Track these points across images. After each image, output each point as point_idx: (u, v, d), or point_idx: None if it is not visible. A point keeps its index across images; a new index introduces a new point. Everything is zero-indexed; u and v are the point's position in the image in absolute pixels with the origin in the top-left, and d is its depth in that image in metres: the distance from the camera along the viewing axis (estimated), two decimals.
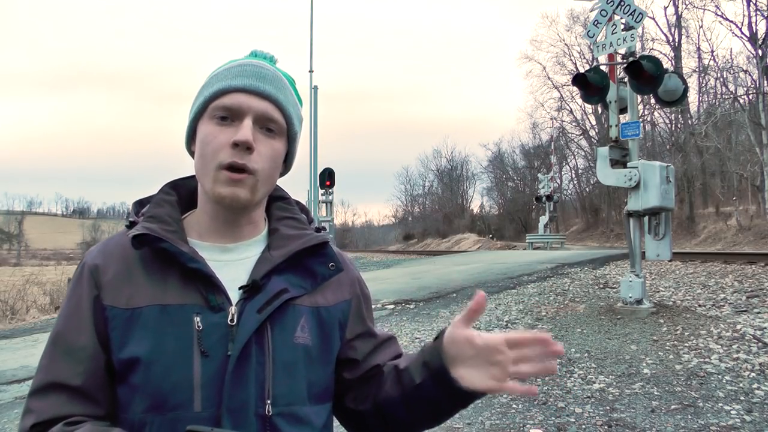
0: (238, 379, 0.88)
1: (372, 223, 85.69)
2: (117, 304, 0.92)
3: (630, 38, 7.00)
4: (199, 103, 0.97)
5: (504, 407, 4.13)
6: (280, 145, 0.98)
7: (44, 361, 0.93)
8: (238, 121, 0.93)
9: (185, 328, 0.89)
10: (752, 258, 10.83)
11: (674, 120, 33.53)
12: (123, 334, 0.91)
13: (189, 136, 1.01)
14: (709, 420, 3.71)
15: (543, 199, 29.63)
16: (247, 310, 0.91)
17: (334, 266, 1.02)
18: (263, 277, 0.95)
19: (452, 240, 43.30)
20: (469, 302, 0.90)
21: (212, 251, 0.98)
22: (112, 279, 0.94)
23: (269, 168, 0.96)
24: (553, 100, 43.32)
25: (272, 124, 0.96)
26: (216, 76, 0.98)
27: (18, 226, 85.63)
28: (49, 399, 0.89)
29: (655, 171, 6.63)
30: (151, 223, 0.95)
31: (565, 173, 44.90)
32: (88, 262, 0.97)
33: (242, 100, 0.94)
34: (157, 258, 0.93)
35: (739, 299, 7.20)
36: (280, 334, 0.93)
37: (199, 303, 0.91)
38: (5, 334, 8.55)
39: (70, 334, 0.92)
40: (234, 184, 0.92)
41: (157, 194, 1.04)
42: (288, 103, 0.99)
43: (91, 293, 0.93)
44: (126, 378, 0.90)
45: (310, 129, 14.82)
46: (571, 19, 38.97)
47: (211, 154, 0.93)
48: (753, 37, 25.29)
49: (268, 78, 0.97)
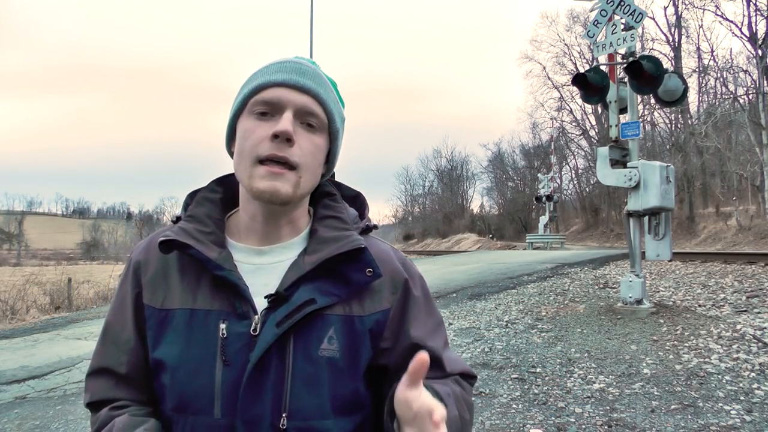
0: (254, 390, 0.87)
1: None
2: (154, 304, 0.94)
3: (630, 38, 7.00)
4: (238, 101, 0.96)
5: (504, 407, 4.13)
6: (321, 140, 0.96)
7: (98, 347, 1.00)
8: (278, 115, 0.92)
9: (210, 334, 0.90)
10: (752, 258, 10.84)
11: (674, 120, 33.54)
12: (156, 334, 0.93)
13: (229, 135, 0.99)
14: (709, 420, 3.71)
15: (543, 199, 29.62)
16: (268, 322, 0.89)
17: (372, 272, 0.95)
18: (290, 286, 0.92)
19: (452, 240, 43.28)
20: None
21: (247, 254, 0.97)
22: (151, 278, 0.96)
23: (311, 163, 0.94)
24: (553, 100, 43.41)
25: (313, 118, 0.94)
26: (256, 74, 0.97)
27: (18, 226, 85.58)
28: (100, 381, 0.97)
29: (655, 171, 6.63)
30: (189, 223, 0.96)
31: (565, 173, 44.98)
32: (134, 257, 1.00)
33: (282, 94, 0.93)
34: (190, 261, 0.94)
35: (739, 299, 7.19)
36: (302, 347, 0.90)
37: (227, 309, 0.91)
38: (5, 334, 8.55)
39: (117, 326, 0.98)
40: (274, 177, 0.90)
41: (203, 191, 1.03)
42: (329, 99, 0.97)
43: (134, 290, 0.97)
44: (158, 375, 0.93)
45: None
46: (571, 19, 39.05)
47: (250, 147, 0.91)
48: (753, 37, 25.28)
49: (308, 73, 0.96)
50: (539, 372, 4.94)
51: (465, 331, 6.58)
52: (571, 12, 38.58)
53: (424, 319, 1.02)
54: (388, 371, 0.98)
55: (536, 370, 5.00)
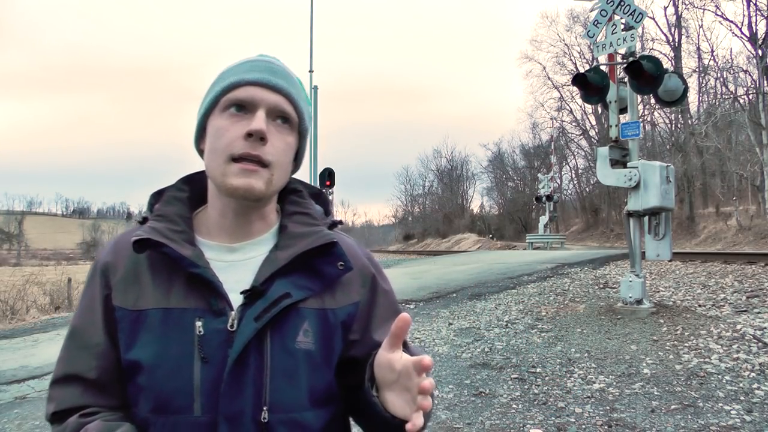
0: (235, 385, 0.88)
1: (372, 223, 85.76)
2: (125, 305, 0.93)
3: (630, 38, 7.00)
4: (210, 98, 0.96)
5: (504, 407, 4.13)
6: (292, 139, 0.97)
7: (63, 353, 0.96)
8: (251, 114, 0.93)
9: (187, 332, 0.89)
10: (752, 258, 10.83)
11: (674, 120, 33.54)
12: (129, 335, 0.91)
13: (198, 133, 0.99)
14: (709, 420, 3.71)
15: (543, 199, 29.62)
16: (246, 317, 0.90)
17: (343, 265, 0.98)
18: (266, 281, 0.93)
19: (452, 240, 43.29)
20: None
21: (218, 251, 0.97)
22: (121, 279, 0.94)
23: (283, 161, 0.95)
24: (553, 100, 43.39)
25: (285, 117, 0.95)
26: (227, 72, 0.97)
27: (18, 226, 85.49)
28: (68, 389, 0.93)
29: (655, 171, 6.63)
30: (159, 222, 0.95)
31: (565, 173, 44.97)
32: (100, 259, 0.98)
33: (255, 93, 0.93)
34: (162, 260, 0.93)
35: (739, 299, 7.19)
36: (279, 340, 0.91)
37: (202, 307, 0.91)
38: (5, 334, 8.55)
39: (85, 330, 0.95)
40: (248, 174, 0.90)
41: (170, 190, 1.03)
42: (300, 98, 0.98)
43: (103, 292, 0.95)
44: (132, 378, 0.91)
45: (310, 129, 14.79)
46: (571, 19, 39.04)
47: (224, 146, 0.91)
48: (753, 37, 25.28)
49: (279, 73, 0.97)
50: (539, 372, 4.94)
51: (465, 331, 6.58)
52: (571, 12, 38.62)
53: (390, 313, 1.05)
54: (357, 364, 0.99)
55: (536, 370, 5.00)
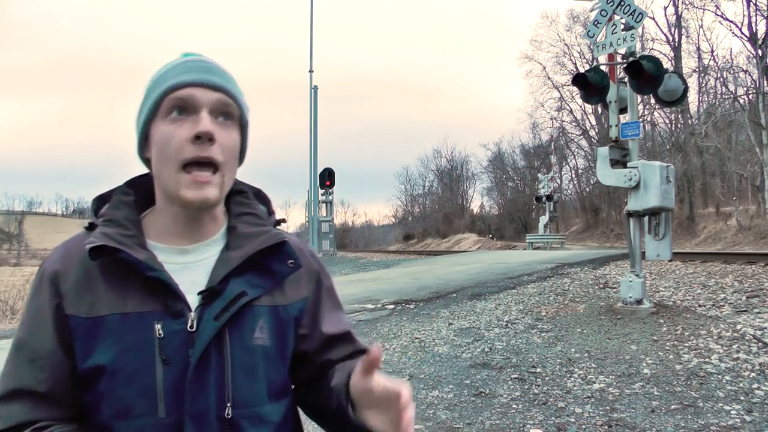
0: (199, 385, 0.89)
1: (372, 223, 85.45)
2: (79, 313, 0.91)
3: (630, 38, 7.00)
4: (149, 105, 0.95)
5: (504, 407, 4.13)
6: (236, 135, 0.98)
7: (8, 368, 0.93)
8: (194, 115, 0.92)
9: (146, 336, 0.89)
10: (752, 258, 10.83)
11: (674, 120, 33.55)
12: (86, 343, 0.90)
13: (141, 142, 0.98)
14: (709, 420, 3.71)
15: (543, 199, 29.63)
16: (205, 316, 0.91)
17: (294, 263, 1.01)
18: (221, 281, 0.94)
19: (452, 240, 43.29)
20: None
21: (170, 254, 0.97)
22: (72, 286, 0.92)
23: (232, 159, 0.96)
24: (553, 100, 43.38)
25: (227, 113, 0.96)
26: (161, 77, 0.96)
27: (18, 226, 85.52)
28: (15, 405, 0.90)
29: (655, 171, 6.63)
30: (109, 228, 0.94)
31: (565, 173, 44.98)
32: (47, 268, 0.95)
33: (195, 93, 0.93)
34: (116, 265, 0.92)
35: (739, 299, 7.19)
36: (238, 338, 0.93)
37: (159, 310, 0.91)
38: (5, 334, 8.55)
39: (33, 342, 0.92)
40: (201, 186, 0.91)
41: (115, 194, 1.02)
42: (238, 93, 0.98)
43: (53, 301, 0.92)
44: (91, 385, 0.90)
45: (310, 129, 14.83)
46: (571, 19, 39.02)
47: (173, 152, 0.91)
48: (753, 37, 25.29)
49: (215, 70, 0.97)
50: (539, 372, 4.94)
51: (465, 331, 6.58)
52: (571, 12, 38.60)
53: (335, 307, 1.11)
54: (307, 358, 1.05)
55: (536, 370, 5.00)
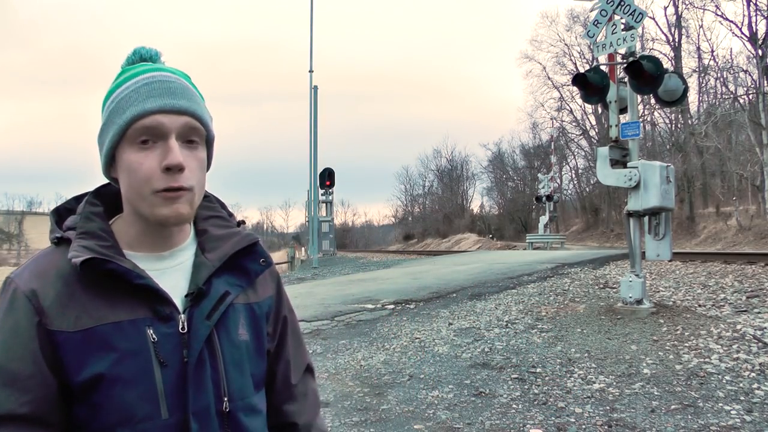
0: (198, 383, 0.93)
1: (372, 223, 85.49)
2: (65, 328, 0.89)
3: (630, 38, 7.00)
4: (115, 131, 0.93)
5: (504, 407, 4.13)
6: (203, 153, 0.98)
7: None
8: (162, 141, 0.91)
9: (141, 341, 0.90)
10: (752, 258, 10.82)
11: (674, 120, 33.55)
12: (78, 356, 0.89)
13: (107, 163, 0.97)
14: (709, 420, 3.71)
15: (543, 199, 29.63)
16: (196, 317, 0.95)
17: (265, 261, 1.07)
18: (205, 283, 0.98)
19: (452, 240, 43.29)
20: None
21: (148, 261, 0.98)
22: (54, 303, 0.90)
23: (201, 179, 0.97)
24: (553, 100, 43.38)
25: (194, 136, 0.95)
26: (123, 100, 0.94)
27: (18, 226, 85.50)
28: None
29: (655, 171, 6.63)
30: (87, 240, 0.93)
31: (565, 173, 44.96)
32: (20, 287, 0.91)
33: (161, 120, 0.91)
34: (99, 276, 0.91)
35: (739, 299, 7.19)
36: (226, 335, 0.98)
37: (149, 315, 0.92)
38: None
39: (12, 363, 0.88)
40: (173, 201, 0.92)
41: (84, 206, 1.01)
42: (203, 111, 0.97)
43: (32, 320, 0.89)
44: (86, 398, 0.89)
45: (310, 129, 14.81)
46: (571, 19, 39.02)
47: (143, 182, 0.91)
48: (753, 37, 25.28)
49: (178, 92, 0.95)
50: (539, 372, 4.94)
51: (465, 331, 6.58)
52: (571, 12, 38.60)
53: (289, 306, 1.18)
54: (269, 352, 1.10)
55: (536, 370, 5.00)
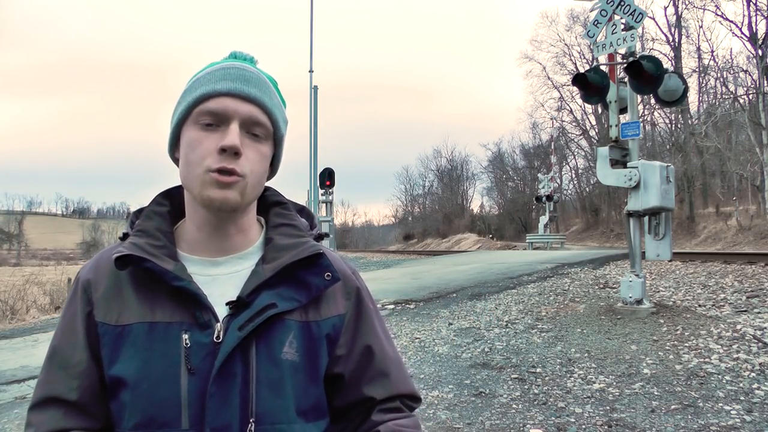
0: (221, 397, 0.87)
1: (372, 223, 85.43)
2: (108, 321, 0.92)
3: (630, 38, 7.00)
4: (182, 109, 0.94)
5: (504, 407, 4.13)
6: (266, 148, 0.96)
7: (42, 376, 0.95)
8: (225, 126, 0.91)
9: (173, 345, 0.89)
10: (752, 258, 10.82)
11: (674, 120, 33.54)
12: (112, 351, 0.90)
13: (172, 142, 0.98)
14: (709, 420, 3.71)
15: (543, 199, 29.62)
16: (231, 327, 0.90)
17: (330, 276, 0.97)
18: (251, 293, 0.93)
19: (452, 240, 43.28)
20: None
21: (201, 265, 0.96)
22: (103, 295, 0.93)
23: (258, 172, 0.94)
24: (553, 100, 43.41)
25: (258, 128, 0.94)
26: (198, 80, 0.95)
27: (18, 226, 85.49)
28: (47, 413, 0.91)
29: (655, 171, 6.63)
30: (140, 238, 0.94)
31: (565, 173, 44.94)
32: (81, 277, 0.97)
33: (228, 104, 0.91)
34: (144, 275, 0.92)
35: (739, 299, 7.19)
36: (265, 351, 0.91)
37: (188, 320, 0.90)
38: (5, 334, 8.56)
39: (66, 349, 0.93)
40: (224, 186, 0.90)
41: (149, 205, 1.02)
42: (273, 106, 0.96)
43: (85, 309, 0.94)
44: (116, 394, 0.90)
45: (310, 129, 14.81)
46: (571, 19, 39.05)
47: (198, 160, 0.90)
48: (753, 37, 25.27)
49: (252, 81, 0.94)
50: (539, 372, 4.94)
51: (465, 331, 6.58)
52: (571, 12, 38.64)
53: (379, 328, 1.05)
54: (342, 380, 1.00)
55: (536, 370, 5.00)
